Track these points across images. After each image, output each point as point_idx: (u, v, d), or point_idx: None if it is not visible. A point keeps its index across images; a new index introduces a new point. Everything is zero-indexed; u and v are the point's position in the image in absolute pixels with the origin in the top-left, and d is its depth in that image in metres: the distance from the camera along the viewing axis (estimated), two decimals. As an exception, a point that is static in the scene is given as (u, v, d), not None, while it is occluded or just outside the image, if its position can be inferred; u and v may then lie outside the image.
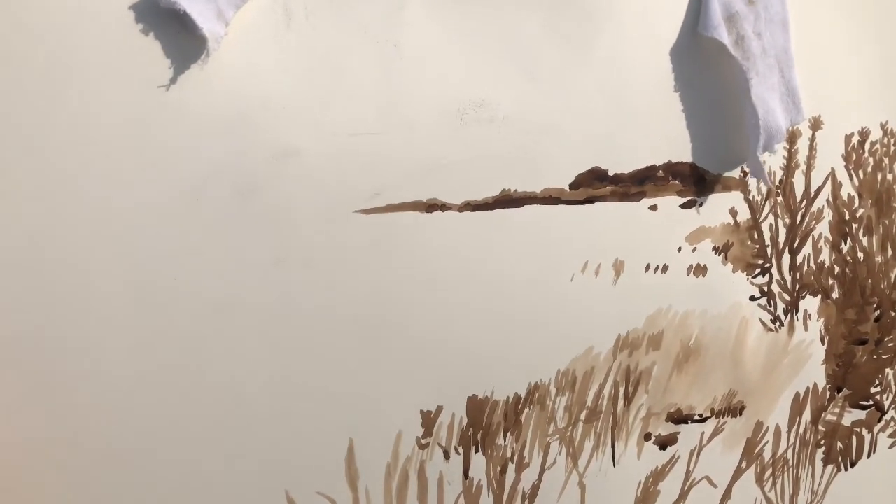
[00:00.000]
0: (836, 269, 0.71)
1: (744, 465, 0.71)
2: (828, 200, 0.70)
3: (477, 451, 0.63)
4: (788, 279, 0.70)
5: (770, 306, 0.69)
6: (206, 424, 0.55)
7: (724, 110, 0.63)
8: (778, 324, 0.70)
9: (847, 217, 0.71)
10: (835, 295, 0.72)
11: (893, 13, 0.69)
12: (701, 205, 0.65)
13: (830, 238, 0.71)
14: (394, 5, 0.56)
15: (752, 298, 0.69)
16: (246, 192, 0.54)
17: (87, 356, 0.52)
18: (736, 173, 0.66)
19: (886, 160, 0.71)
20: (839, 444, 0.74)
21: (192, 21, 0.49)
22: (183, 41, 0.51)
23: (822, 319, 0.72)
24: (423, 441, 0.61)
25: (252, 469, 0.57)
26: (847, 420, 0.74)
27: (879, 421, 0.76)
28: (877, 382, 0.75)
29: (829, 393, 0.73)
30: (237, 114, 0.53)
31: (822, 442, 0.74)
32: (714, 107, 0.63)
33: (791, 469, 0.73)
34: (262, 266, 0.55)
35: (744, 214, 0.67)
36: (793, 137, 0.68)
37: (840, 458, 0.75)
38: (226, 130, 0.53)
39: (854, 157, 0.70)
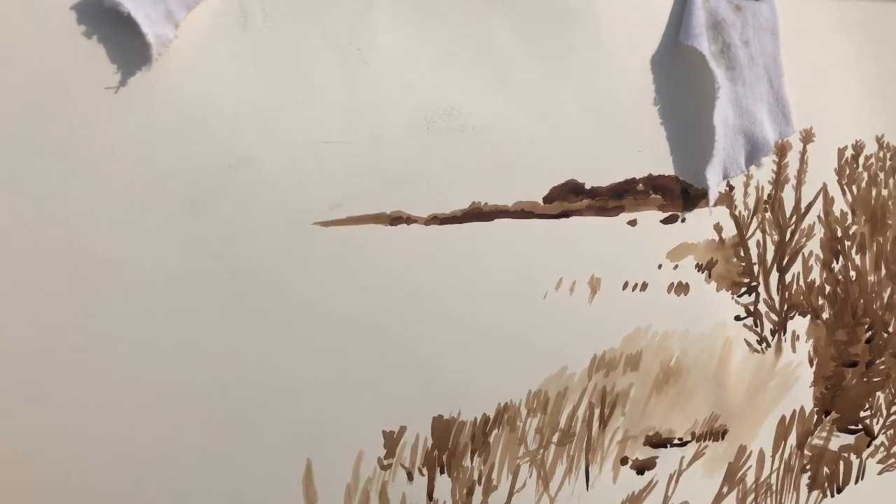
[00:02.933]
0: (827, 288, 0.68)
1: (725, 489, 0.69)
2: (819, 217, 0.67)
3: (442, 472, 0.60)
4: (776, 298, 0.67)
5: (756, 327, 0.66)
6: (157, 443, 0.53)
7: (709, 121, 0.60)
8: (764, 345, 0.67)
9: (839, 234, 0.68)
10: (825, 315, 0.69)
11: (891, 21, 0.66)
12: (683, 220, 0.62)
13: (821, 256, 0.67)
14: (358, 7, 0.53)
15: (738, 318, 0.66)
16: (199, 203, 0.51)
17: (30, 373, 0.50)
18: (721, 188, 0.63)
19: (882, 175, 0.68)
20: (826, 470, 0.71)
21: (136, 24, 0.46)
22: (130, 43, 0.48)
23: (811, 340, 0.69)
24: (386, 462, 0.59)
25: (205, 489, 0.55)
26: (834, 444, 0.71)
27: (868, 446, 0.73)
28: (867, 406, 0.72)
29: (816, 416, 0.70)
30: (189, 121, 0.50)
31: (808, 467, 0.71)
32: (698, 117, 0.60)
33: (775, 494, 0.70)
34: (215, 281, 0.52)
35: (729, 231, 0.64)
36: (782, 150, 0.64)
37: (826, 484, 0.72)
38: (177, 138, 0.50)
39: (847, 171, 0.67)
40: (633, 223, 0.61)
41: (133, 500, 0.53)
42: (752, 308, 0.66)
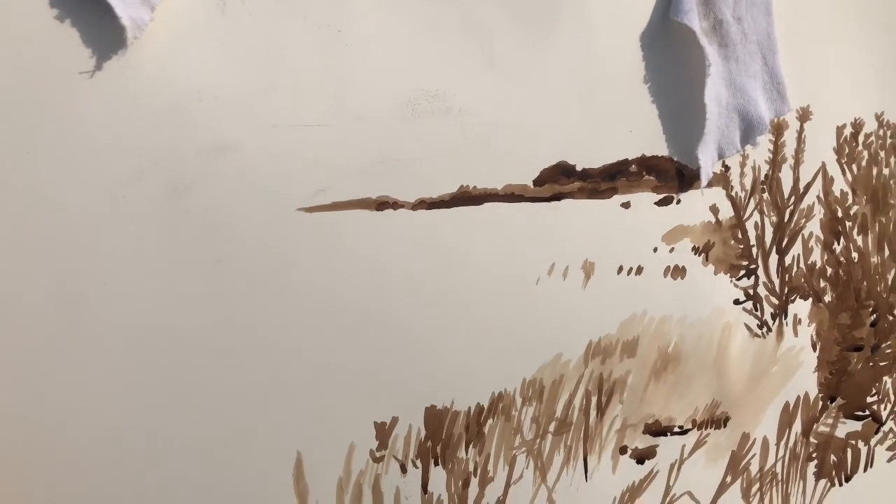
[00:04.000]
0: (829, 270, 0.67)
1: (729, 479, 0.67)
2: (818, 197, 0.65)
3: (437, 464, 0.59)
4: (776, 281, 0.65)
5: (756, 310, 0.65)
6: (141, 438, 0.52)
7: (702, 99, 0.58)
8: (765, 329, 0.65)
9: (840, 215, 0.66)
10: (827, 298, 0.67)
11: (890, -5, 0.64)
12: (679, 202, 0.61)
13: (822, 237, 0.66)
14: (338, -12, 0.52)
15: (737, 302, 0.64)
16: (179, 190, 0.50)
17: (10, 365, 0.49)
18: (716, 168, 0.61)
19: (882, 154, 0.66)
20: (833, 458, 0.70)
21: (110, 7, 0.45)
22: (104, 27, 0.47)
23: (813, 324, 0.67)
24: (378, 454, 0.57)
25: (193, 484, 0.53)
26: (841, 431, 0.70)
27: (877, 432, 0.71)
28: (873, 391, 0.70)
29: (821, 403, 0.68)
30: (167, 106, 0.49)
31: (814, 455, 0.69)
32: (691, 95, 0.59)
33: (780, 484, 0.68)
34: (197, 270, 0.51)
35: (726, 212, 0.63)
36: (779, 129, 0.63)
37: (834, 472, 0.70)
38: (155, 124, 0.49)
39: (847, 150, 0.65)
40: (626, 205, 0.60)
41: (120, 493, 0.52)
42: (751, 291, 0.65)
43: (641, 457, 0.64)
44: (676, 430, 0.64)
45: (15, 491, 0.50)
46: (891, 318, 0.69)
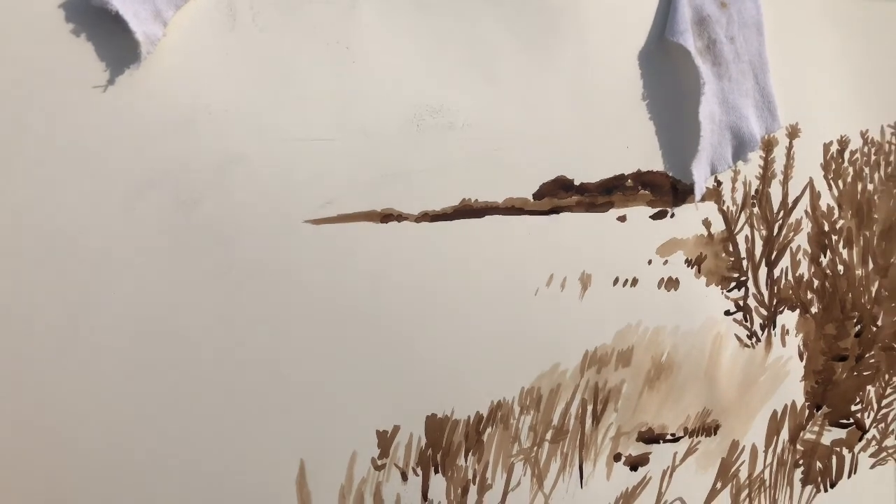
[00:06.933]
0: (816, 282, 0.69)
1: (719, 485, 0.69)
2: (806, 211, 0.67)
3: (437, 472, 0.60)
4: (765, 293, 0.67)
5: (746, 321, 0.67)
6: (146, 447, 0.52)
7: (696, 116, 0.60)
8: (754, 339, 0.67)
9: (826, 228, 0.68)
10: (814, 309, 0.69)
11: (876, 17, 0.67)
12: (672, 215, 0.63)
13: (809, 250, 0.68)
14: (345, 5, 0.53)
15: (728, 313, 0.66)
16: (188, 202, 0.51)
17: (18, 373, 0.49)
18: (709, 183, 0.63)
19: (867, 170, 0.69)
20: (818, 464, 0.72)
21: (124, 23, 0.46)
22: (119, 42, 0.48)
23: (800, 335, 0.69)
24: (380, 462, 0.58)
25: (198, 492, 0.54)
26: (827, 439, 0.72)
27: (860, 440, 0.73)
28: (857, 400, 0.72)
29: (807, 411, 0.70)
30: (178, 119, 0.50)
31: (801, 461, 0.71)
32: (686, 113, 0.61)
33: (768, 490, 0.70)
34: (205, 280, 0.52)
35: (718, 226, 0.65)
36: (769, 146, 0.65)
37: (819, 479, 0.72)
38: (166, 136, 0.50)
39: (833, 166, 0.67)
40: (622, 219, 0.61)
41: (123, 498, 0.53)
42: (741, 303, 0.66)
43: (635, 464, 0.66)
44: (669, 437, 0.66)
45: (21, 493, 0.51)
46: (874, 328, 0.71)
